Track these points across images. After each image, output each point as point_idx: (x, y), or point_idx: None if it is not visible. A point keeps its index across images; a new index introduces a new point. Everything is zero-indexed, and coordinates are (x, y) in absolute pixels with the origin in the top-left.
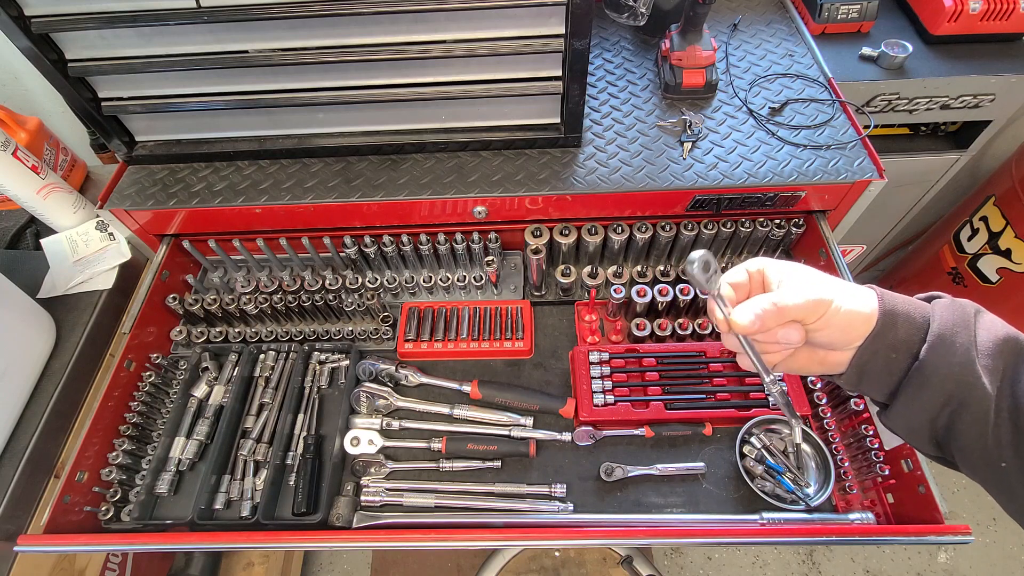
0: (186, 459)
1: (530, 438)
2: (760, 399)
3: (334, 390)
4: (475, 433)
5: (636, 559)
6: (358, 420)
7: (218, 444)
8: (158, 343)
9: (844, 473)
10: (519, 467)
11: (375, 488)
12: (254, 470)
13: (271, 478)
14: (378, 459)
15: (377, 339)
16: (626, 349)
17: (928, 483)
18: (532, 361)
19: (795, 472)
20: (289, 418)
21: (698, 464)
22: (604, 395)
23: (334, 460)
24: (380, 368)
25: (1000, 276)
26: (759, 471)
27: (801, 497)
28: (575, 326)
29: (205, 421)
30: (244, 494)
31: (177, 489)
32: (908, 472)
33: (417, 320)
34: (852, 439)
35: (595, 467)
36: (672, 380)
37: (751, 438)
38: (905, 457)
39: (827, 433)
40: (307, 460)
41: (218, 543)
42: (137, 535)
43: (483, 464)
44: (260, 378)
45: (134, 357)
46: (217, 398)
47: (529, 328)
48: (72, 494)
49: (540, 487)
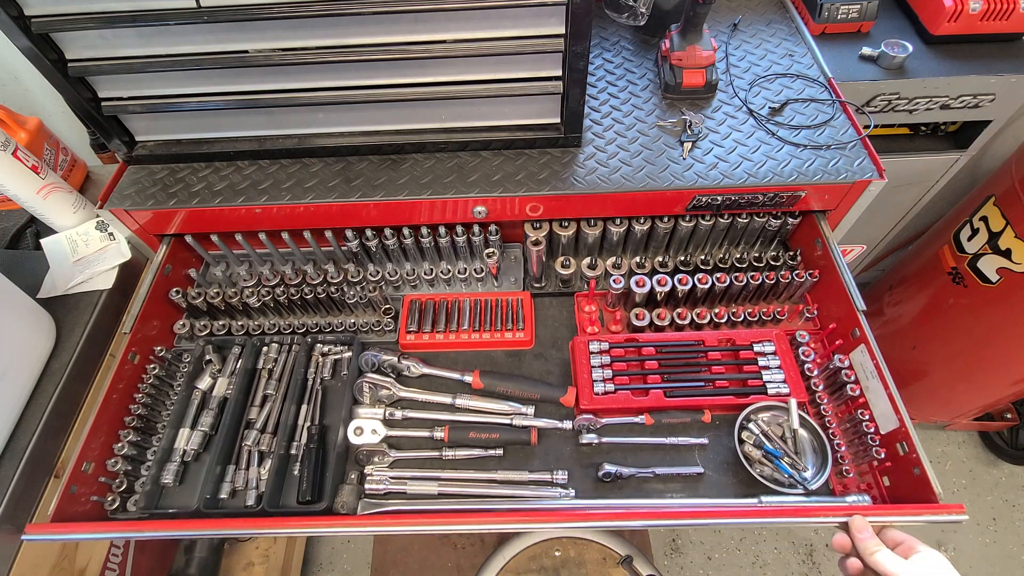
0: (191, 450)
1: (532, 426)
2: (757, 386)
3: (337, 381)
4: (477, 422)
5: (636, 559)
6: (361, 410)
7: (223, 435)
8: (162, 337)
9: (841, 457)
10: (521, 455)
11: (379, 476)
12: (259, 460)
13: (276, 468)
14: (381, 448)
15: (379, 331)
16: (625, 339)
17: (924, 466)
18: (533, 352)
19: (793, 457)
20: (293, 409)
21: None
22: (604, 384)
23: (338, 450)
24: (382, 359)
25: (1000, 276)
26: (757, 456)
27: (799, 481)
28: (575, 317)
29: (209, 412)
30: (249, 483)
31: (182, 480)
32: (904, 455)
33: (419, 312)
34: (849, 424)
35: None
36: (671, 369)
37: (749, 424)
38: (900, 440)
39: (824, 419)
40: (311, 450)
41: (224, 529)
42: (143, 523)
43: (485, 452)
44: (263, 370)
45: (138, 350)
46: (221, 390)
47: (530, 319)
48: (78, 484)
49: (542, 474)
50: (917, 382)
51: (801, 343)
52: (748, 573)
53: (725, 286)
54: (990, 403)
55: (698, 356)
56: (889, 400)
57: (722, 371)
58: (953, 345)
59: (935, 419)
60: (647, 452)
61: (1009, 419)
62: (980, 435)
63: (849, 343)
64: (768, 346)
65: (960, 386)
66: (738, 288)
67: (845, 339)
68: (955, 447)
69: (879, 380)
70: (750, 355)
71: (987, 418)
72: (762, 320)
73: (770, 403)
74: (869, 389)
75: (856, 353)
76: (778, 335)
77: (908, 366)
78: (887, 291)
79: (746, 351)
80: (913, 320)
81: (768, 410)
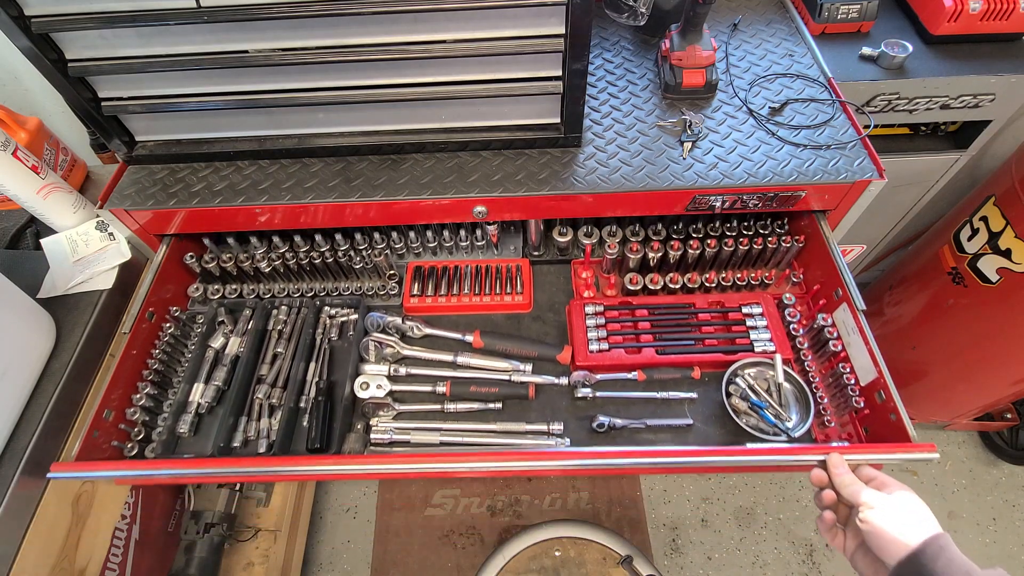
0: (205, 403)
1: (529, 382)
2: (745, 344)
3: (344, 342)
4: (478, 378)
5: (636, 559)
6: (367, 367)
7: (235, 389)
8: (176, 300)
9: (823, 409)
10: (519, 408)
11: (384, 427)
12: (269, 412)
13: (285, 419)
14: (386, 402)
15: (384, 295)
16: (620, 302)
17: (900, 412)
18: (531, 315)
19: (777, 408)
20: (302, 366)
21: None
22: (599, 343)
23: (345, 403)
24: (387, 320)
25: (1000, 276)
26: (744, 408)
27: (783, 429)
28: (571, 283)
29: (222, 368)
30: (260, 433)
31: (197, 430)
32: (881, 403)
33: (422, 277)
34: (831, 379)
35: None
36: (663, 329)
37: (736, 379)
38: (878, 390)
39: (808, 375)
40: (319, 402)
41: (238, 468)
42: (163, 461)
43: (485, 406)
44: (273, 331)
45: (155, 309)
46: (233, 349)
47: (528, 284)
48: (100, 431)
49: (539, 425)
50: (917, 382)
51: (787, 305)
52: (748, 573)
53: (715, 251)
54: (990, 403)
55: (689, 317)
56: (868, 353)
57: (711, 331)
58: (953, 345)
59: (935, 419)
60: (639, 406)
61: (1009, 419)
62: (980, 435)
63: (832, 303)
64: (756, 308)
65: (960, 386)
66: (728, 254)
67: (828, 299)
68: (955, 447)
69: (859, 335)
70: (738, 316)
71: (987, 418)
72: (751, 285)
73: (757, 359)
74: (851, 344)
75: (839, 312)
76: (765, 298)
77: (908, 366)
78: (887, 291)
79: (735, 312)
80: (913, 320)
81: (755, 366)
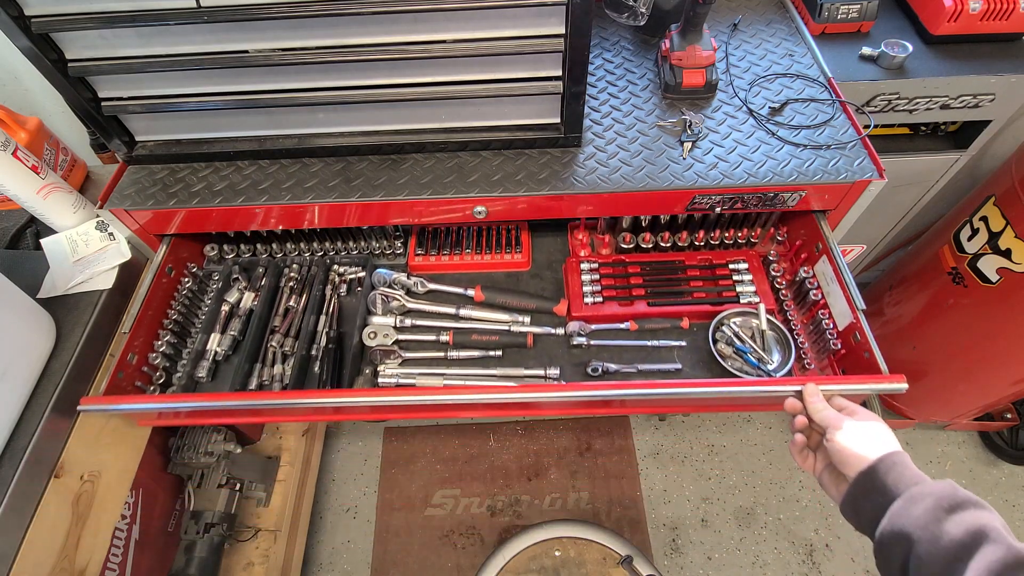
0: (221, 351)
1: (528, 332)
2: (731, 296)
3: (352, 298)
4: (479, 328)
5: (636, 559)
6: (374, 319)
7: (249, 339)
8: (193, 258)
9: (804, 353)
10: (518, 356)
11: (391, 372)
12: (283, 359)
13: (298, 365)
14: (393, 349)
15: (391, 255)
16: (614, 260)
17: (873, 350)
18: (530, 272)
19: (760, 352)
20: (312, 319)
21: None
22: (593, 296)
23: (353, 351)
24: (393, 276)
25: (1000, 276)
26: (729, 352)
27: (765, 371)
28: (568, 244)
29: (238, 320)
30: (275, 378)
31: (214, 376)
32: (857, 344)
33: (426, 237)
34: (812, 327)
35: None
36: (654, 283)
37: (723, 327)
38: (854, 332)
39: (790, 323)
40: (330, 350)
41: (258, 400)
42: (188, 395)
43: (486, 353)
44: (285, 288)
45: (174, 265)
46: (247, 303)
47: (527, 244)
48: (124, 372)
49: (536, 370)
50: (917, 382)
51: (772, 261)
52: (748, 573)
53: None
54: (990, 403)
55: (679, 272)
56: (846, 300)
57: (700, 285)
58: (953, 345)
59: (935, 419)
60: (631, 353)
61: (1009, 419)
62: (980, 435)
63: (814, 257)
64: (742, 264)
65: (960, 386)
66: (716, 215)
67: (810, 254)
68: (955, 447)
69: (838, 284)
70: (725, 271)
71: (987, 418)
72: (737, 244)
73: (742, 309)
74: (830, 294)
75: (819, 264)
76: (751, 255)
77: (908, 366)
78: (887, 291)
79: (722, 268)
80: (913, 320)
81: (740, 315)
